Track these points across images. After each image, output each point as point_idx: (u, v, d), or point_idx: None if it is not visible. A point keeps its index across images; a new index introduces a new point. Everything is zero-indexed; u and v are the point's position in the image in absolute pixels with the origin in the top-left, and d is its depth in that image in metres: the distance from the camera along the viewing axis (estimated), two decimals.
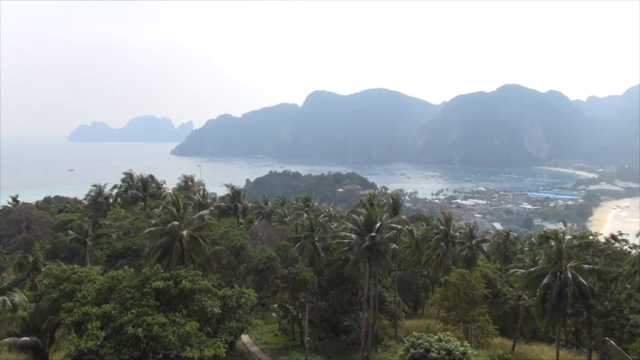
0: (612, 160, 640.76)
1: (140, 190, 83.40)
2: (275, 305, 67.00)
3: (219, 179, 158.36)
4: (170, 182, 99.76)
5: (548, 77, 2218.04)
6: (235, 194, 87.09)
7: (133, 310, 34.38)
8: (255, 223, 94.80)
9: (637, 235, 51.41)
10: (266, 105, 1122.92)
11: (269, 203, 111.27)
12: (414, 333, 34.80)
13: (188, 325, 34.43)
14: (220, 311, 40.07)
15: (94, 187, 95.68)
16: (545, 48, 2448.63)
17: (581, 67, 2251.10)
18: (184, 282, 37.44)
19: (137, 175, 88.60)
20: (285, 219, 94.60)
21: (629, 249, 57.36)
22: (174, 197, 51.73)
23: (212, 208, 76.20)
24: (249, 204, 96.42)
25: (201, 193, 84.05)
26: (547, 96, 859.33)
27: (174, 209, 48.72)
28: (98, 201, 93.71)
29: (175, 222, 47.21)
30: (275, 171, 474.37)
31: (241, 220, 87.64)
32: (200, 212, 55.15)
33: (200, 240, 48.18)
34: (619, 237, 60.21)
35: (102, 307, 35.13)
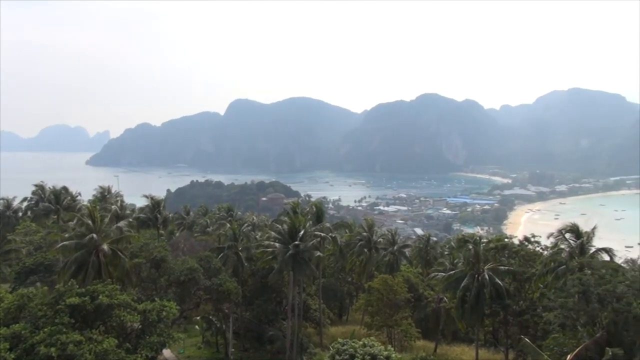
0: (524, 166, 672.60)
1: (52, 203, 79.61)
2: (198, 318, 65.46)
3: (138, 189, 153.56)
4: (85, 194, 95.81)
5: (464, 87, 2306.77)
6: (155, 205, 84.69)
7: (45, 329, 32.50)
8: (177, 234, 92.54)
9: (547, 237, 53.88)
10: (187, 113, 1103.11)
11: (191, 213, 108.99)
12: (339, 339, 34.86)
13: (106, 342, 32.94)
14: (140, 326, 38.61)
15: (2, 200, 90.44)
16: (460, 58, 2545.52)
17: (495, 77, 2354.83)
18: (101, 297, 35.81)
19: (49, 187, 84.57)
20: (207, 229, 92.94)
21: (541, 250, 60.01)
22: (89, 209, 49.60)
23: (130, 219, 73.73)
24: (170, 215, 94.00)
25: (119, 204, 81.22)
26: (464, 105, 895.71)
27: (89, 222, 46.61)
28: (6, 215, 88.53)
29: (92, 235, 45.23)
30: (197, 181, 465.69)
31: (162, 231, 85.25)
32: (118, 224, 53.23)
33: (118, 253, 46.40)
34: (532, 239, 62.94)
35: (10, 327, 33.00)
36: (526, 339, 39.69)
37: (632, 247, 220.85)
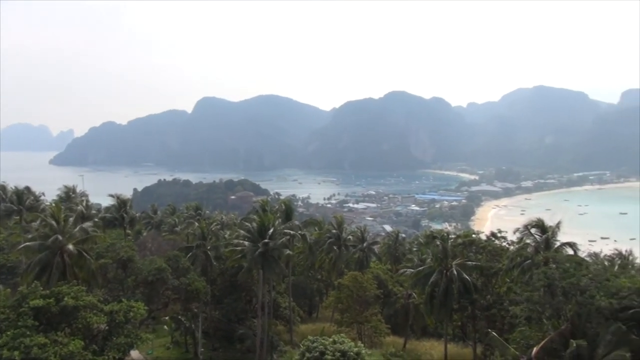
0: (490, 162, 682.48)
1: (14, 203, 77.43)
2: (167, 318, 64.85)
3: (103, 189, 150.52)
4: (49, 194, 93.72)
5: (431, 84, 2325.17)
6: (122, 204, 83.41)
7: (8, 333, 31.71)
8: (144, 234, 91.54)
9: (514, 232, 54.65)
10: (153, 111, 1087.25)
11: (158, 212, 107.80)
12: (309, 337, 34.83)
13: (71, 344, 32.31)
14: (107, 327, 37.98)
15: None
16: (428, 56, 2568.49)
17: (461, 75, 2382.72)
18: (66, 299, 35.12)
19: (11, 187, 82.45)
20: (175, 228, 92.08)
21: (507, 245, 60.77)
22: (53, 210, 48.64)
23: (96, 219, 72.73)
24: (137, 214, 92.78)
25: (84, 204, 79.78)
26: (431, 102, 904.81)
27: (53, 222, 45.73)
28: None
29: (57, 236, 44.36)
30: (164, 180, 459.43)
31: (128, 231, 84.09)
32: (83, 224, 52.35)
33: (83, 253, 45.66)
34: (499, 235, 63.68)
35: None
36: (493, 333, 40.20)
37: (595, 241, 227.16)
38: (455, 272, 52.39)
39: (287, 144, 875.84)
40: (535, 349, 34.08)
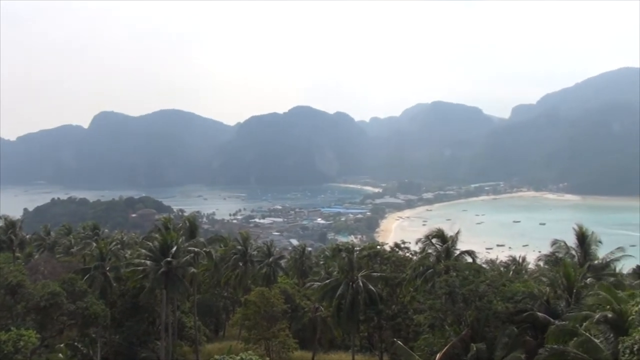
0: (393, 175, 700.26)
1: None
2: (62, 345, 61.03)
3: None
4: None
5: (335, 99, 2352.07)
6: (10, 226, 78.36)
7: None
8: (36, 256, 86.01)
9: (416, 243, 56.32)
10: (46, 127, 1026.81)
11: (52, 233, 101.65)
12: (215, 356, 33.96)
13: None
14: None
15: None
16: (331, 71, 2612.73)
17: (364, 90, 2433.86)
18: None
19: None
20: (71, 249, 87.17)
21: (410, 256, 62.59)
22: None
23: None
24: (28, 236, 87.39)
25: None
26: (335, 117, 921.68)
27: None
28: None
29: None
30: (59, 198, 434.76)
31: (18, 254, 78.95)
32: None
33: None
34: (402, 245, 65.59)
35: None
36: (399, 342, 41.03)
37: (491, 248, 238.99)
38: (361, 284, 53.11)
39: (191, 159, 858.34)
40: (438, 355, 35.12)
